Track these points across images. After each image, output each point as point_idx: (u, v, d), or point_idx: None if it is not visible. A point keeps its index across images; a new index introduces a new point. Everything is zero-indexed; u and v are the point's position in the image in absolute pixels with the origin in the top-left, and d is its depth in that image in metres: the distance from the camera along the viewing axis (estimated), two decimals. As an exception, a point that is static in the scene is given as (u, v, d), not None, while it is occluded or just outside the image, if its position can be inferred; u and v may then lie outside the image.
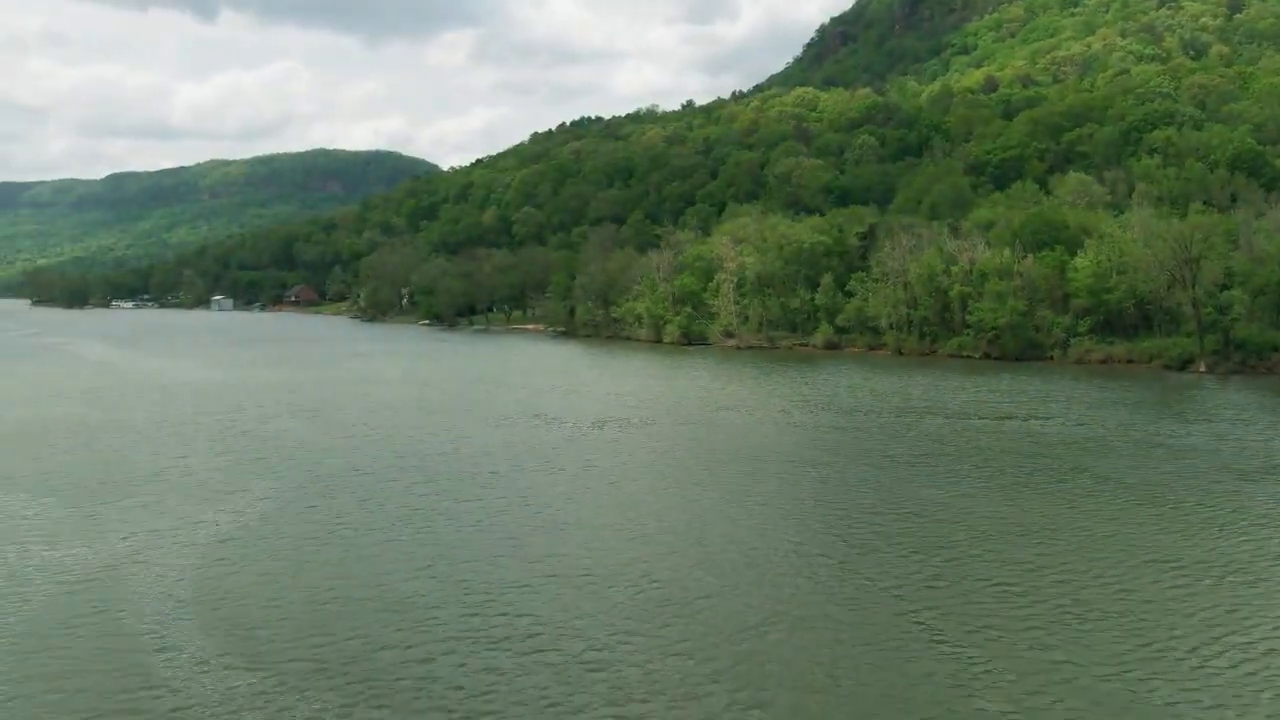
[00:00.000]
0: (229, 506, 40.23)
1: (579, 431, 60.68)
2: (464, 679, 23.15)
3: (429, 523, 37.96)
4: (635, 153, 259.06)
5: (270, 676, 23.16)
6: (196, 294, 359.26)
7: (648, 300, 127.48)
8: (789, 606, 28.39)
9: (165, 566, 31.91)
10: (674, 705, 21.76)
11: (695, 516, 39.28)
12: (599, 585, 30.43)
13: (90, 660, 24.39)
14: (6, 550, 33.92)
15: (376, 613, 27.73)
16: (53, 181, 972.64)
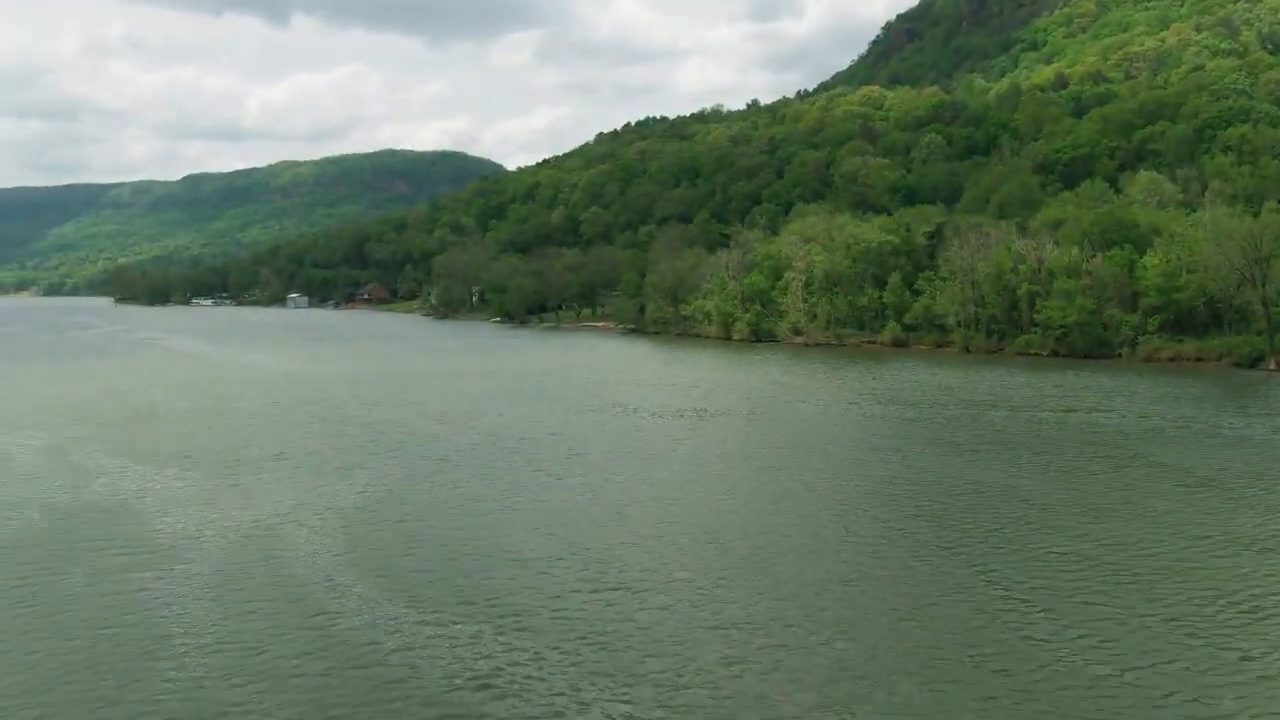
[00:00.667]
0: (355, 480, 44.62)
1: (660, 419, 64.30)
2: (590, 612, 26.91)
3: (538, 495, 41.94)
4: (701, 152, 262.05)
5: (428, 609, 27.15)
6: (272, 292, 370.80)
7: (717, 298, 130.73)
8: (866, 564, 31.68)
9: (313, 526, 36.23)
10: (767, 635, 25.16)
11: (773, 491, 42.70)
12: (695, 547, 34.06)
13: (270, 597, 28.61)
14: (172, 513, 38.58)
15: (504, 564, 31.64)
16: (132, 183, 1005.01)
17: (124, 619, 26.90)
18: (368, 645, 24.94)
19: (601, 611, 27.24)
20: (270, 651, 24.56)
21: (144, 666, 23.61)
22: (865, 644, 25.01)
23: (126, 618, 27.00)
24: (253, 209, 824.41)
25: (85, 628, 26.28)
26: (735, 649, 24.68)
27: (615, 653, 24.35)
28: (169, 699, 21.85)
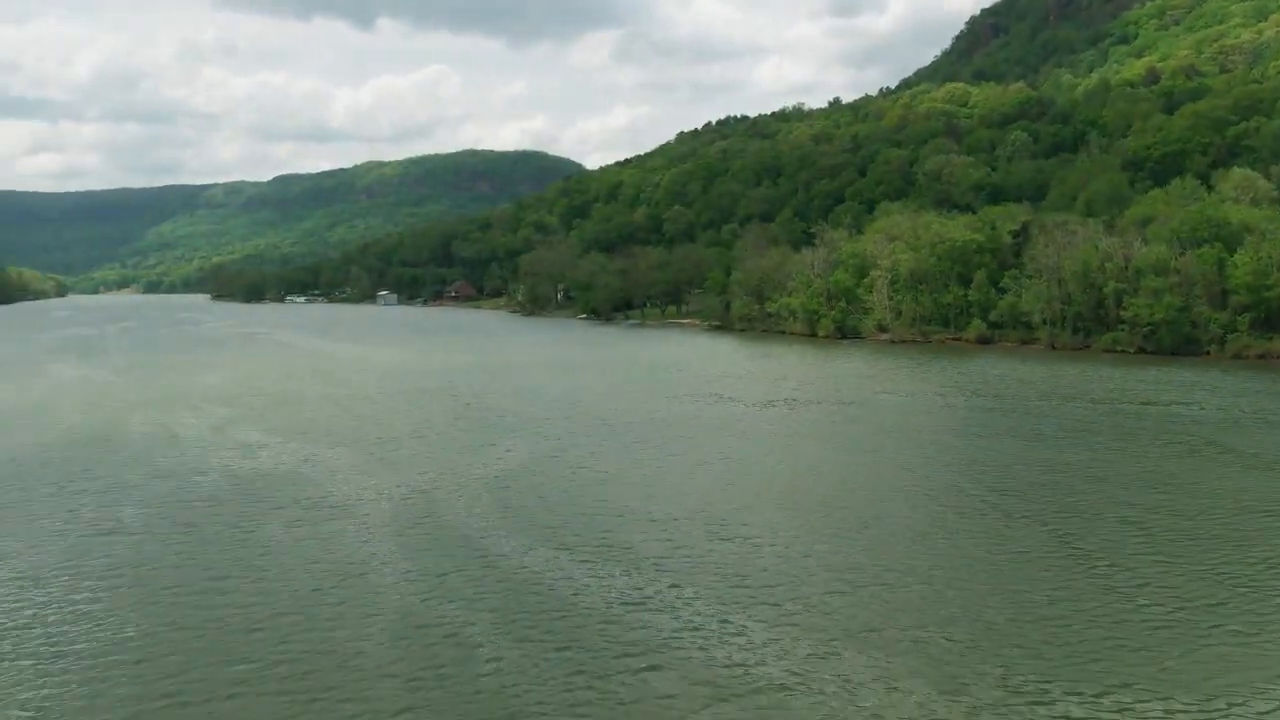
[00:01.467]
0: (486, 455, 49.65)
1: (752, 408, 68.26)
2: (715, 558, 31.31)
3: (652, 468, 46.44)
4: (783, 151, 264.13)
5: (576, 554, 31.76)
6: (362, 289, 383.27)
7: (802, 296, 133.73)
8: (951, 523, 35.51)
9: (460, 491, 41.21)
10: (869, 576, 29.05)
11: (866, 466, 46.68)
12: (799, 509, 38.34)
13: (440, 542, 33.49)
14: (337, 480, 43.99)
15: (634, 521, 36.10)
16: (224, 184, 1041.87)
17: (328, 556, 32.06)
18: (532, 578, 29.62)
19: (725, 557, 31.63)
20: (452, 580, 29.37)
21: (353, 594, 28.55)
22: (952, 583, 28.92)
23: (330, 555, 32.16)
24: (339, 208, 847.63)
25: (301, 563, 31.47)
26: (842, 586, 28.77)
27: (740, 587, 28.65)
28: (379, 617, 26.66)
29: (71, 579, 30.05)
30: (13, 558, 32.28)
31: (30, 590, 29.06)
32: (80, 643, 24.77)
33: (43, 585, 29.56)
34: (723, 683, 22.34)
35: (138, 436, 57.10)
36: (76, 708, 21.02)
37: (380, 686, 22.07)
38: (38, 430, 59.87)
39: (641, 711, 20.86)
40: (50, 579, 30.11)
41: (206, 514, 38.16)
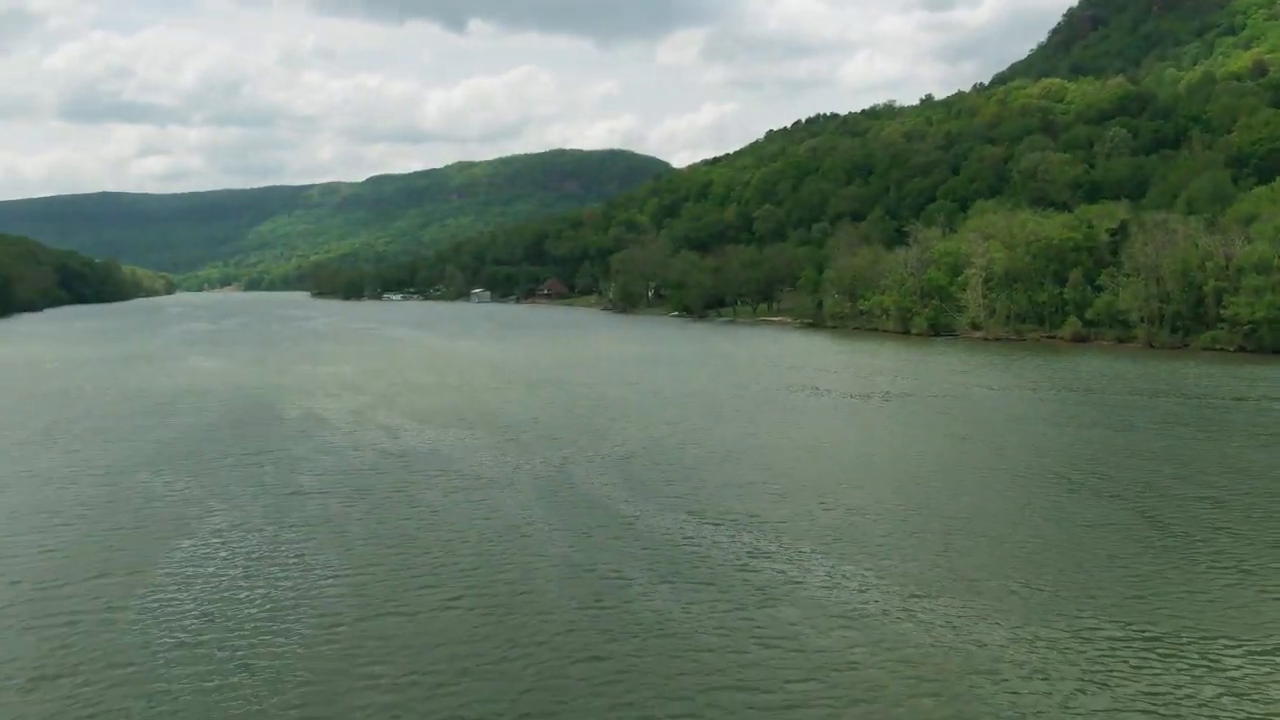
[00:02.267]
0: (607, 438, 54.09)
1: (848, 399, 71.45)
2: (830, 523, 34.87)
3: (762, 449, 50.32)
4: (874, 149, 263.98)
5: (704, 518, 35.80)
6: (456, 287, 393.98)
7: (896, 294, 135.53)
8: (1038, 498, 38.38)
9: (592, 467, 45.65)
10: (967, 537, 32.30)
11: (959, 448, 49.82)
12: (898, 486, 41.68)
13: (584, 506, 37.82)
14: (478, 458, 48.86)
15: (752, 493, 39.92)
16: (321, 184, 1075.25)
17: (488, 517, 36.75)
18: (668, 536, 33.77)
19: (833, 522, 35.58)
20: (598, 536, 33.71)
21: (516, 545, 33.01)
22: (1036, 545, 32.30)
23: (489, 516, 36.85)
24: (431, 208, 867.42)
25: (465, 521, 36.17)
26: (936, 545, 32.39)
27: (849, 545, 32.49)
28: (542, 562, 31.00)
29: (277, 529, 35.24)
30: (222, 512, 37.73)
31: (248, 536, 34.33)
32: (300, 577, 29.69)
33: (257, 531, 34.85)
34: (841, 614, 26.16)
35: (290, 419, 63.12)
36: (319, 620, 25.76)
37: (554, 612, 26.37)
38: (200, 412, 66.49)
39: (776, 634, 24.73)
40: (260, 527, 35.39)
41: (373, 482, 43.29)
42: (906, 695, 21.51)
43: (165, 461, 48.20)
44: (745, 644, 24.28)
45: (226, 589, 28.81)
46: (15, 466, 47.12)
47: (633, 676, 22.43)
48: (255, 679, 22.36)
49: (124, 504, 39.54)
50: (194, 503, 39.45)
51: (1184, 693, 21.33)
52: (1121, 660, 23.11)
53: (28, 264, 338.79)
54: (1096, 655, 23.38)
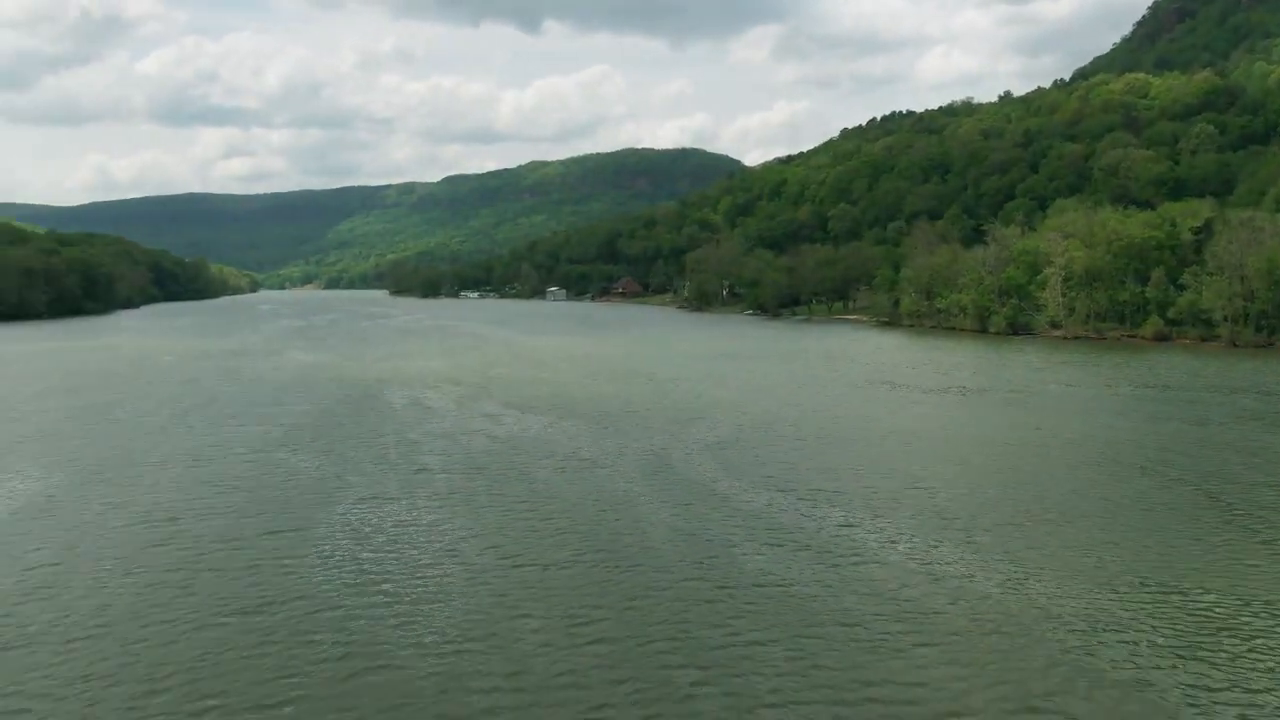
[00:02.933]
0: (698, 426, 57.37)
1: (927, 393, 73.57)
2: (908, 497, 37.56)
3: (844, 436, 53.10)
4: (951, 147, 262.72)
5: (792, 496, 38.85)
6: (532, 285, 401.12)
7: (974, 292, 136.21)
8: (1109, 485, 40.37)
9: (684, 451, 48.93)
10: (1043, 512, 34.71)
11: (1034, 439, 51.76)
12: (973, 469, 44.06)
13: (682, 484, 41.14)
14: (578, 442, 52.52)
15: (839, 475, 42.79)
16: (397, 184, 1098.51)
17: (597, 492, 40.29)
18: (763, 510, 36.93)
19: (916, 500, 38.40)
20: (698, 509, 36.98)
21: (626, 515, 36.40)
22: (1105, 522, 34.50)
23: (599, 491, 40.40)
24: (504, 207, 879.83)
25: (577, 495, 39.77)
26: (1011, 520, 34.92)
27: (931, 519, 35.19)
28: (653, 528, 34.34)
29: (411, 499, 39.27)
30: (359, 484, 41.95)
31: (388, 504, 38.45)
32: (442, 535, 33.53)
33: (395, 500, 38.95)
34: (924, 572, 29.12)
35: (399, 408, 67.66)
36: (467, 569, 29.50)
37: (669, 569, 29.71)
38: (315, 400, 71.51)
39: (867, 587, 27.83)
40: (397, 498, 39.49)
41: (487, 461, 47.23)
42: (981, 635, 24.45)
43: (296, 442, 52.85)
44: (841, 594, 27.42)
45: (382, 543, 32.86)
46: (169, 446, 52.18)
47: (746, 617, 25.70)
48: (420, 611, 26.15)
49: (272, 477, 44.07)
50: (332, 477, 43.79)
51: (1217, 644, 23.79)
52: (1175, 614, 25.61)
53: (125, 263, 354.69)
54: (1155, 610, 25.92)
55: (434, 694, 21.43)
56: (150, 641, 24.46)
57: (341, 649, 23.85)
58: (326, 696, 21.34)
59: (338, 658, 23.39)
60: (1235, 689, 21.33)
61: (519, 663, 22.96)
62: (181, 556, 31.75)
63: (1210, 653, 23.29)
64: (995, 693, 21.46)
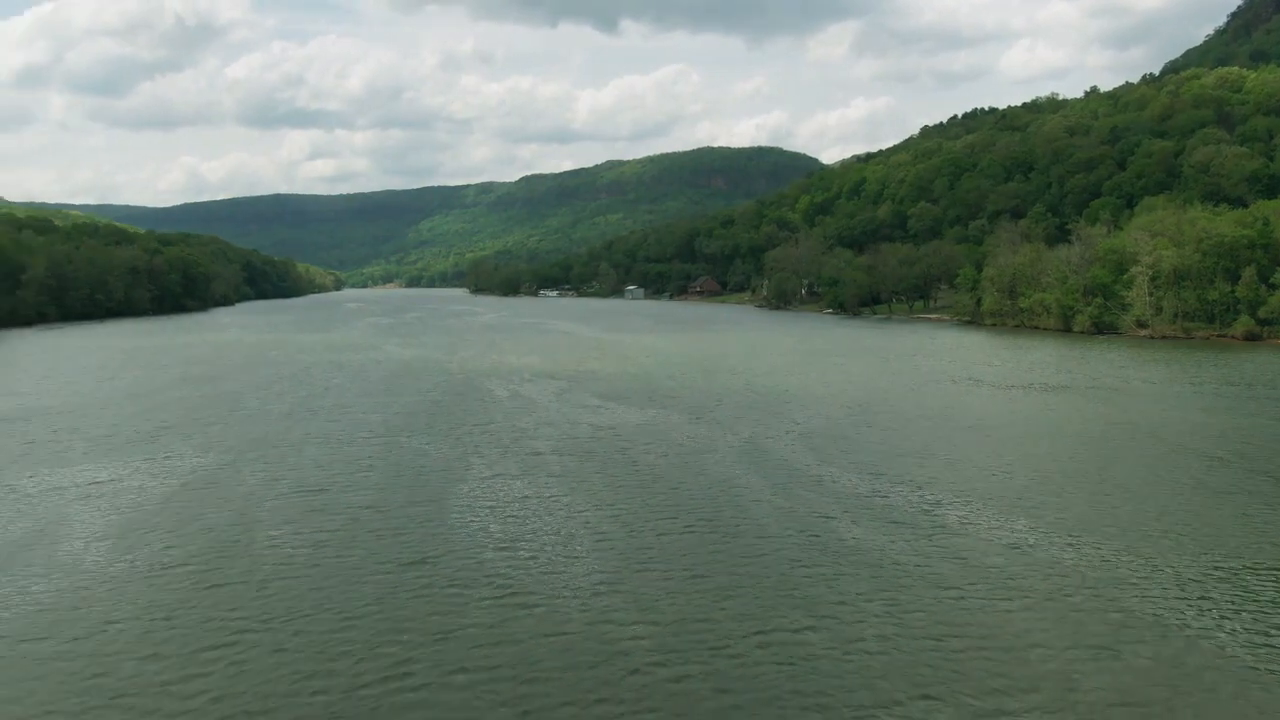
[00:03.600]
0: (790, 417, 60.35)
1: (1006, 389, 75.19)
2: (992, 481, 40.08)
3: (930, 427, 55.51)
4: (1035, 145, 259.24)
5: (881, 481, 41.64)
6: (610, 284, 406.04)
7: (1058, 291, 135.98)
8: (1188, 469, 42.25)
9: (779, 439, 52.01)
10: (1126, 498, 36.92)
11: (1114, 432, 53.45)
12: (1055, 457, 46.30)
13: (779, 468, 44.25)
14: (679, 431, 55.93)
15: (924, 460, 45.41)
16: (476, 184, 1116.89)
17: (703, 473, 43.67)
18: (855, 490, 39.90)
19: (1003, 482, 41.11)
20: (795, 489, 40.10)
21: (733, 492, 39.67)
22: (1180, 504, 36.52)
23: (703, 472, 43.77)
24: (580, 206, 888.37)
25: (686, 477, 43.21)
26: (1094, 500, 37.11)
27: (1018, 497, 37.67)
28: (758, 504, 37.50)
29: (530, 478, 43.15)
30: (480, 465, 46.03)
31: (510, 482, 42.42)
32: (566, 507, 37.23)
33: (516, 479, 42.93)
34: (1006, 543, 31.84)
35: (502, 398, 71.97)
36: (595, 535, 33.10)
37: (772, 537, 32.90)
38: (422, 391, 76.34)
39: (954, 555, 30.64)
40: (517, 476, 43.46)
41: (592, 447, 50.96)
42: (1054, 592, 27.30)
43: (414, 428, 57.34)
44: (931, 560, 30.40)
45: (513, 512, 36.76)
46: (300, 430, 57.12)
47: (845, 576, 28.88)
48: (556, 566, 29.82)
49: (400, 457, 48.46)
50: (454, 458, 47.97)
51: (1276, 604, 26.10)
52: (1241, 589, 27.91)
53: (220, 262, 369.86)
54: (1220, 574, 28.25)
55: (581, 628, 25.06)
56: (331, 588, 28.58)
57: (494, 595, 27.65)
58: (488, 630, 25.08)
59: (492, 599, 27.21)
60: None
61: (649, 606, 26.48)
62: (339, 521, 36.03)
63: (1269, 611, 25.62)
64: (1067, 639, 24.28)
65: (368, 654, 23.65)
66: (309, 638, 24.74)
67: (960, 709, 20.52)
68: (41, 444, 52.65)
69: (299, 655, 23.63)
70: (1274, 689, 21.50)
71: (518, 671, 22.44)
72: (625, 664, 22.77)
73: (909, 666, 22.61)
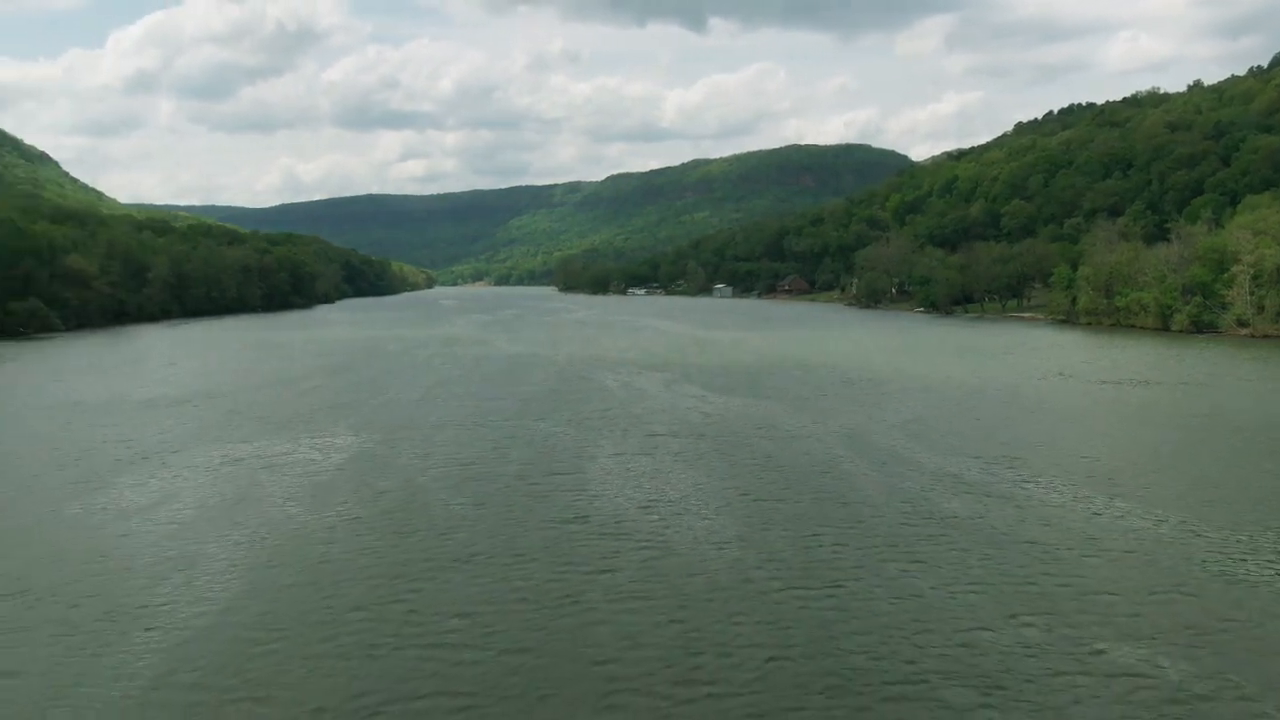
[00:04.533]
0: (890, 409, 63.93)
1: (1097, 384, 77.13)
2: (1081, 464, 43.16)
3: (1025, 414, 58.62)
4: (1135, 141, 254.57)
5: (989, 459, 45.15)
6: (698, 282, 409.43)
7: (1156, 290, 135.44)
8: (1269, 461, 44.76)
9: (879, 429, 55.68)
10: (1176, 484, 39.79)
11: (1199, 422, 55.65)
12: (1139, 444, 49.04)
13: (881, 453, 48.03)
14: (794, 419, 60.04)
15: (1019, 444, 48.63)
16: (563, 184, 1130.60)
17: (808, 456, 47.82)
18: (955, 470, 43.55)
19: (1093, 465, 44.19)
20: (895, 469, 43.93)
21: (846, 471, 43.70)
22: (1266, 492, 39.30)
23: (809, 455, 47.89)
24: (666, 205, 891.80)
25: (794, 458, 47.40)
26: (1179, 483, 40.02)
27: (1108, 479, 40.83)
28: (868, 478, 41.48)
29: (651, 457, 47.89)
30: (606, 445, 51.00)
31: (636, 458, 47.29)
32: (693, 483, 41.78)
33: (641, 456, 47.75)
34: (1091, 511, 35.19)
35: (613, 388, 77.01)
36: (726, 503, 37.57)
37: (883, 504, 36.89)
38: (538, 381, 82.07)
39: (1046, 521, 34.23)
40: (640, 454, 48.28)
41: (705, 430, 55.57)
42: (1136, 553, 30.78)
43: (538, 413, 62.72)
44: (1021, 524, 34.37)
45: (643, 484, 41.55)
46: (436, 415, 63.10)
47: (946, 536, 32.97)
48: (688, 525, 34.38)
49: (531, 437, 53.81)
50: (583, 440, 53.02)
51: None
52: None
53: (322, 261, 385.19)
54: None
55: (721, 568, 29.73)
56: (502, 537, 33.72)
57: (642, 543, 32.45)
58: (642, 567, 29.81)
59: (642, 547, 32.05)
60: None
61: (776, 555, 31.01)
62: (493, 487, 41.34)
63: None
64: (1141, 585, 27.97)
65: (543, 584, 28.61)
66: (493, 573, 29.81)
67: (1049, 634, 24.40)
68: (214, 424, 59.55)
69: (488, 586, 28.69)
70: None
71: (672, 600, 27.08)
72: (762, 596, 27.24)
73: (1003, 601, 26.59)
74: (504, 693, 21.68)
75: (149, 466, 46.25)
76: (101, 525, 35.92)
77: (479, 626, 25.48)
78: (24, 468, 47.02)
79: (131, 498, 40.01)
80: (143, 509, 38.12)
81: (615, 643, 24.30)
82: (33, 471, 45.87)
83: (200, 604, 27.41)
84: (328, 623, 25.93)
